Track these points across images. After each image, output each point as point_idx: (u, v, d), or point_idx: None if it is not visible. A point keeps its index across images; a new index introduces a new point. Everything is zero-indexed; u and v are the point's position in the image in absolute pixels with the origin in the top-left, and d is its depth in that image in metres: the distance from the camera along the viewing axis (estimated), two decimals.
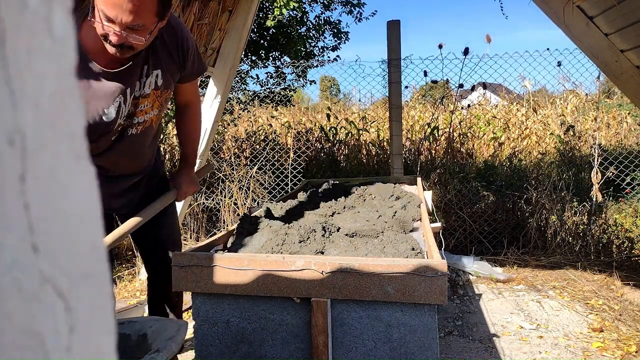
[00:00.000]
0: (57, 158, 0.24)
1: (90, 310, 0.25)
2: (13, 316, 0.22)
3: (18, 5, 0.22)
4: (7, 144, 0.22)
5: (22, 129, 0.22)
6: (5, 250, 0.22)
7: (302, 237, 1.32)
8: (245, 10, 3.31)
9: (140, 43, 1.29)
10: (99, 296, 0.26)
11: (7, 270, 0.22)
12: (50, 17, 0.24)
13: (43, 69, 0.23)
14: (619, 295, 3.09)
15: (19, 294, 0.22)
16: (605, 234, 3.98)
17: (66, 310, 0.24)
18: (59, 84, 0.24)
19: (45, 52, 0.24)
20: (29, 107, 0.23)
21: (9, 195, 0.22)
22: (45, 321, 0.23)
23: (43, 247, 0.23)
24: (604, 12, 2.57)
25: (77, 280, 0.25)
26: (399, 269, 1.09)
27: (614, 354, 2.34)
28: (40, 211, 0.23)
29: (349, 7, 9.17)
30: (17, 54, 0.22)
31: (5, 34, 0.22)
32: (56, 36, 0.24)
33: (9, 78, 0.22)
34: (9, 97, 0.22)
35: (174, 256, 1.24)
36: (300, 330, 1.18)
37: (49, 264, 0.23)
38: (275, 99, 7.46)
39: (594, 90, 5.84)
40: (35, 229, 0.23)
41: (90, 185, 0.26)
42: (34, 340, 0.23)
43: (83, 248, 0.25)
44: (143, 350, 1.25)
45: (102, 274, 0.26)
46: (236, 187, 4.56)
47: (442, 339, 2.55)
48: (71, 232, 0.25)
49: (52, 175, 0.24)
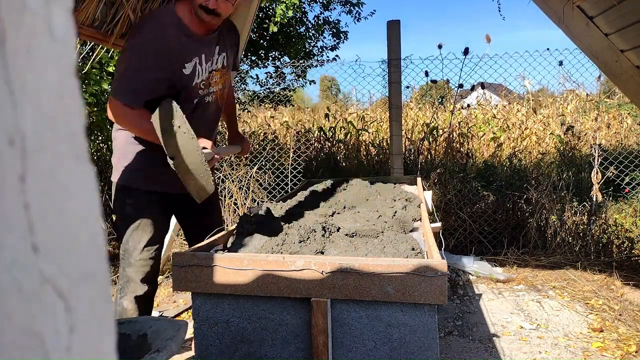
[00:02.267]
0: (57, 158, 0.24)
1: (90, 310, 0.25)
2: (13, 316, 0.22)
3: (18, 6, 0.22)
4: (7, 144, 0.22)
5: (22, 129, 0.22)
6: (5, 250, 0.22)
7: (302, 237, 1.32)
8: (245, 10, 3.31)
9: (227, 10, 1.69)
10: (99, 296, 0.26)
11: (7, 270, 0.22)
12: (50, 17, 0.24)
13: (43, 69, 0.23)
14: (619, 295, 3.09)
15: (19, 294, 0.22)
16: (605, 234, 3.98)
17: (66, 310, 0.24)
18: (59, 84, 0.24)
19: (45, 52, 0.24)
20: (29, 107, 0.23)
21: (9, 195, 0.22)
22: (45, 321, 0.23)
23: (43, 247, 0.23)
24: (604, 12, 2.57)
25: (77, 280, 0.25)
26: (399, 269, 1.09)
27: (614, 354, 2.34)
28: (40, 211, 0.23)
29: (348, 6, 9.17)
30: (17, 54, 0.22)
31: (5, 34, 0.22)
32: (56, 36, 0.24)
33: (9, 78, 0.22)
34: (9, 97, 0.22)
35: (174, 256, 1.24)
36: (300, 330, 1.18)
37: (49, 264, 0.23)
38: (275, 99, 7.46)
39: (594, 90, 5.85)
40: (35, 229, 0.23)
41: (90, 185, 0.26)
42: (34, 340, 0.23)
43: (83, 248, 0.25)
44: (143, 350, 1.25)
45: (102, 274, 0.26)
46: (236, 187, 4.56)
47: (442, 339, 2.55)
48: (71, 232, 0.25)
49: (52, 175, 0.24)
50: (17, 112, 0.22)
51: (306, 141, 5.17)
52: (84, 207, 0.25)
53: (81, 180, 0.25)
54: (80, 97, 0.25)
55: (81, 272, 0.25)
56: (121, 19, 2.57)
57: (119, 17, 2.56)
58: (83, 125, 0.26)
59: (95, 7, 2.41)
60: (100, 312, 0.26)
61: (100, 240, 0.26)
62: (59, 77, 0.24)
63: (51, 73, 0.24)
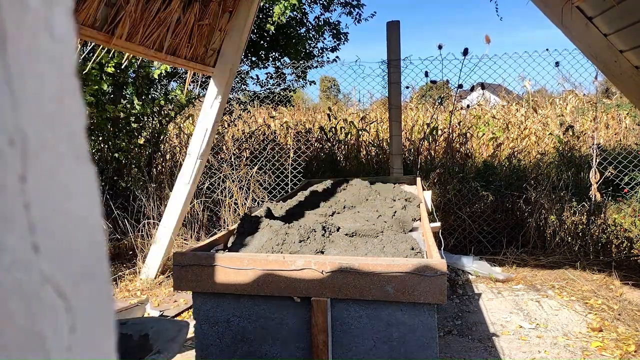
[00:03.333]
0: (57, 158, 0.24)
1: (90, 310, 0.25)
2: (14, 316, 0.22)
3: (19, 6, 0.22)
4: (8, 144, 0.22)
5: (22, 129, 0.23)
6: (6, 250, 0.22)
7: (302, 237, 1.32)
8: (245, 11, 3.31)
9: None
10: (99, 296, 0.26)
11: (8, 270, 0.22)
12: (51, 18, 0.24)
13: (43, 69, 0.24)
14: (618, 295, 3.09)
15: (19, 294, 0.22)
16: (604, 233, 3.98)
17: (66, 310, 0.24)
18: (59, 84, 0.24)
19: (46, 53, 0.24)
20: (30, 107, 0.23)
21: (9, 195, 0.22)
22: (46, 321, 0.23)
23: (43, 247, 0.23)
24: (603, 12, 2.57)
25: (77, 280, 0.25)
26: (398, 268, 1.09)
27: (613, 353, 2.34)
28: (40, 211, 0.23)
29: (348, 8, 9.16)
30: (17, 54, 0.22)
31: (6, 35, 0.22)
32: (57, 37, 0.24)
33: (9, 78, 0.22)
34: (10, 97, 0.22)
35: (174, 256, 1.24)
36: (300, 330, 1.18)
37: (49, 263, 0.23)
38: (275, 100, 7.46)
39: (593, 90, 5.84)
40: (36, 229, 0.23)
41: (90, 185, 0.26)
42: (34, 340, 0.23)
43: (83, 248, 0.25)
44: (145, 350, 1.24)
45: (102, 273, 0.26)
46: (236, 187, 4.56)
47: (441, 338, 2.55)
48: (71, 231, 0.25)
49: (53, 175, 0.24)
50: (18, 112, 0.22)
51: (306, 141, 5.17)
52: (84, 207, 0.25)
53: (81, 180, 0.25)
54: (80, 97, 0.25)
55: (81, 272, 0.25)
56: (122, 20, 2.57)
57: (119, 18, 2.56)
58: (83, 126, 0.26)
59: (96, 8, 2.41)
60: (100, 312, 0.26)
61: (101, 240, 0.26)
62: (59, 77, 0.24)
63: (52, 73, 0.24)
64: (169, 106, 5.09)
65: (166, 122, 5.21)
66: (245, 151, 5.24)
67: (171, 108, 5.11)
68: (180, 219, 3.71)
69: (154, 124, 5.09)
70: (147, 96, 4.97)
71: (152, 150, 5.11)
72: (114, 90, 4.83)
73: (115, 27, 2.53)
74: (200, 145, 3.49)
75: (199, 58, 3.30)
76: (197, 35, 3.16)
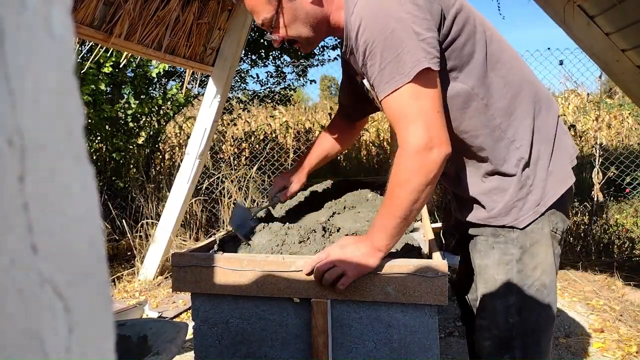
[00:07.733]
0: (56, 158, 0.24)
1: (89, 310, 0.25)
2: (12, 316, 0.22)
3: (17, 5, 0.22)
4: (7, 144, 0.22)
5: (21, 129, 0.22)
6: (4, 250, 0.22)
7: (302, 238, 1.32)
8: (244, 9, 3.31)
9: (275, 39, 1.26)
10: (98, 296, 0.26)
11: (7, 271, 0.22)
12: (50, 17, 0.24)
13: (42, 69, 0.23)
14: (620, 296, 3.08)
15: (18, 294, 0.22)
16: (606, 234, 3.98)
17: (65, 311, 0.24)
18: (59, 83, 0.24)
19: (45, 52, 0.24)
20: (29, 107, 0.23)
21: (8, 195, 0.22)
22: (45, 321, 0.23)
23: (42, 248, 0.23)
24: (605, 11, 2.57)
25: (76, 280, 0.25)
26: (399, 269, 1.09)
27: (615, 354, 2.34)
28: (39, 211, 0.23)
29: None
30: (16, 53, 0.22)
31: (4, 34, 0.22)
32: (55, 35, 0.24)
33: (8, 78, 0.22)
34: (8, 96, 0.22)
35: (173, 256, 1.24)
36: (300, 331, 1.18)
37: (48, 264, 0.23)
38: (275, 99, 7.45)
39: (595, 89, 5.84)
40: (35, 229, 0.23)
41: (89, 185, 0.26)
42: (33, 340, 0.23)
43: (82, 248, 0.25)
44: (143, 352, 1.24)
45: (101, 274, 0.26)
46: (235, 188, 4.56)
47: (442, 340, 2.55)
48: (70, 232, 0.24)
49: (52, 175, 0.24)
50: (16, 112, 0.22)
51: (306, 141, 5.17)
52: (84, 207, 0.25)
53: (80, 180, 0.25)
54: (79, 96, 0.25)
55: (80, 273, 0.25)
56: (120, 18, 2.57)
57: (118, 17, 2.56)
58: (82, 125, 0.26)
59: (94, 7, 2.41)
60: (99, 312, 0.26)
61: (100, 241, 0.26)
62: (58, 76, 0.24)
63: (50, 72, 0.24)
64: (168, 105, 5.08)
65: (164, 122, 5.21)
66: (245, 151, 5.24)
67: (169, 107, 5.10)
68: (179, 219, 3.71)
69: (152, 123, 5.09)
70: (146, 95, 4.97)
71: (151, 150, 5.11)
72: (112, 90, 4.82)
73: (114, 26, 2.53)
74: (199, 145, 3.49)
75: (197, 57, 3.30)
76: (195, 34, 3.16)
